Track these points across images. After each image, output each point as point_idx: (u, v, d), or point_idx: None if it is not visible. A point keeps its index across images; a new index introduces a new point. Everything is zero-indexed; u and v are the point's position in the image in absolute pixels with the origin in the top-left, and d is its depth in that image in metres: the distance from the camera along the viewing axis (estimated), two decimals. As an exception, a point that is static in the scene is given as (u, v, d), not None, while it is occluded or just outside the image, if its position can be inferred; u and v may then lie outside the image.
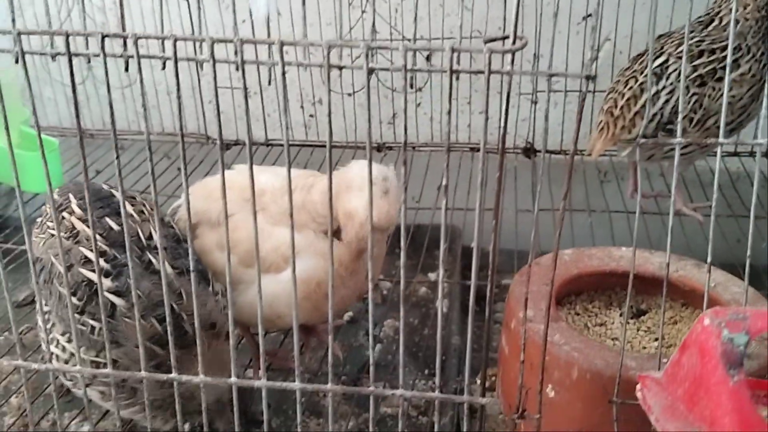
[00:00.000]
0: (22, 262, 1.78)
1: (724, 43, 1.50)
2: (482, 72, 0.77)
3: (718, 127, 1.52)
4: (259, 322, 0.86)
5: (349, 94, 2.03)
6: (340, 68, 0.81)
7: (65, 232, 1.12)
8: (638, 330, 1.18)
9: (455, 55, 0.74)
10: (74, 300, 1.05)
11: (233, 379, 0.93)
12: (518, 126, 1.99)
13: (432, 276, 1.90)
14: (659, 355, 0.89)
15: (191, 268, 0.85)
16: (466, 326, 1.68)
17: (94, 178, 2.10)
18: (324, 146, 2.07)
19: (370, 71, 0.78)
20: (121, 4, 0.91)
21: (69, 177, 2.04)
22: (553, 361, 1.00)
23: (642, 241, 1.18)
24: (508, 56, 0.75)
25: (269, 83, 0.81)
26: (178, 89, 0.81)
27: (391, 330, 1.68)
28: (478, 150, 2.01)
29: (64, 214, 1.16)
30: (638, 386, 0.82)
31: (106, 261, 1.07)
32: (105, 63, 0.80)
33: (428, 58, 1.94)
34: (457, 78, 0.78)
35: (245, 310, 1.21)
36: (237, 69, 0.79)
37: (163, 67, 0.83)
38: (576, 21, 1.88)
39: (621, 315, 1.20)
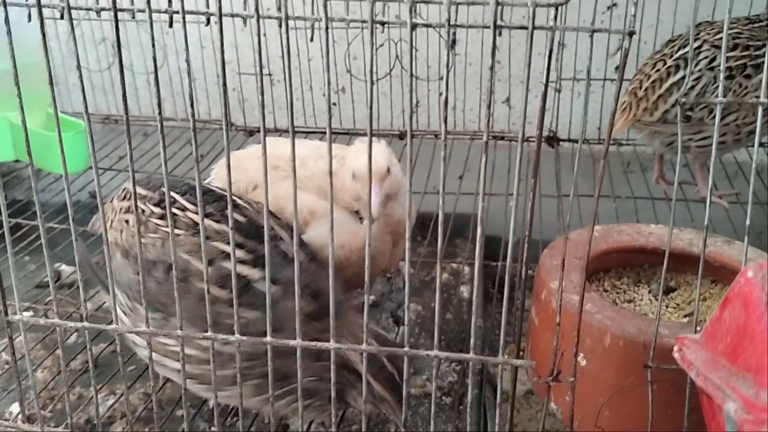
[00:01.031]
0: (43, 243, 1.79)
1: (760, 42, 1.50)
2: (525, 28, 0.77)
3: (738, 125, 1.52)
4: (296, 281, 0.87)
5: (372, 82, 2.03)
6: (383, 24, 0.81)
7: (185, 229, 1.07)
8: (667, 307, 1.18)
9: (499, 8, 0.75)
10: (224, 293, 1.02)
11: (268, 338, 0.93)
12: (541, 115, 1.99)
13: (454, 265, 1.90)
14: (695, 321, 0.89)
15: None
16: (488, 311, 1.69)
17: (116, 164, 2.12)
18: (347, 134, 2.07)
19: (413, 27, 0.78)
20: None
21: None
22: (586, 328, 1.01)
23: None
24: (553, 10, 0.75)
25: (311, 40, 0.81)
26: (222, 46, 0.82)
27: (413, 314, 1.68)
28: (501, 138, 2.03)
29: (175, 210, 1.09)
30: (675, 347, 0.82)
31: (248, 252, 1.05)
32: (150, 18, 0.81)
33: (453, 43, 1.94)
34: (500, 34, 0.78)
35: None
36: (280, 25, 0.80)
37: (207, 23, 0.84)
38: (601, 10, 1.88)
39: (650, 292, 1.19)
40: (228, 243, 1.00)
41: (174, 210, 1.08)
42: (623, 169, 1.95)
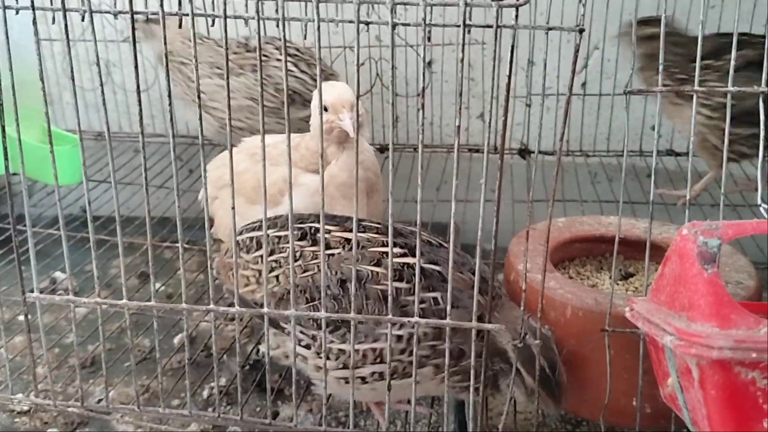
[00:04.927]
0: (37, 252, 1.88)
1: None
2: (491, 26, 0.89)
3: None
4: (290, 249, 0.97)
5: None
6: (368, 23, 0.93)
7: (340, 246, 1.17)
8: (627, 291, 1.29)
9: (467, 9, 0.87)
10: (402, 284, 1.11)
11: (265, 309, 1.03)
12: (513, 129, 2.12)
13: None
14: (645, 288, 1.00)
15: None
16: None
17: (108, 178, 2.21)
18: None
19: (393, 26, 0.90)
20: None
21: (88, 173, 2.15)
22: (549, 303, 1.11)
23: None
24: (515, 11, 0.87)
25: (305, 38, 0.92)
26: (226, 47, 0.93)
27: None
28: (476, 151, 2.16)
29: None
30: (627, 308, 0.93)
31: (400, 247, 1.15)
32: (163, 21, 0.92)
33: (429, 63, 2.06)
34: (469, 32, 0.90)
35: None
36: (277, 25, 0.91)
37: (212, 24, 0.95)
38: (566, 34, 2.01)
39: (611, 277, 1.31)
40: (381, 245, 1.14)
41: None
42: (591, 179, 2.07)
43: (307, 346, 1.17)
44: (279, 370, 1.56)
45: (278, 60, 1.87)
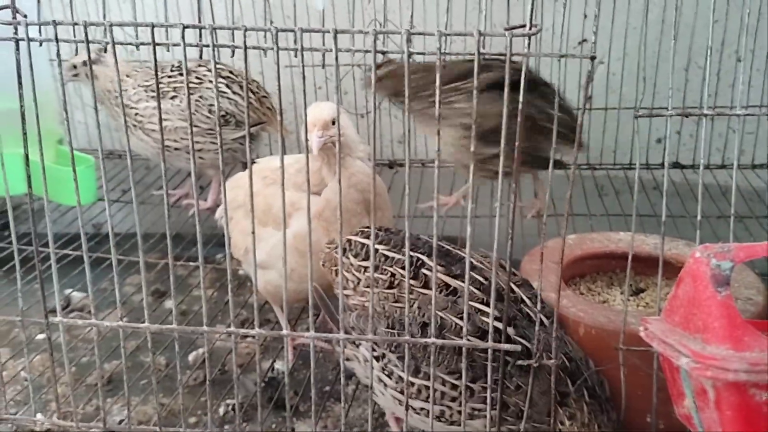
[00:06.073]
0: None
1: None
2: (504, 55, 0.91)
3: None
4: (309, 275, 0.99)
5: (362, 116, 2.18)
6: (384, 53, 0.95)
7: (439, 290, 1.15)
8: (638, 306, 1.31)
9: (482, 39, 0.89)
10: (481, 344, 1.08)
11: (285, 331, 1.06)
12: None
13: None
14: (658, 307, 1.02)
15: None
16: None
17: (122, 197, 2.25)
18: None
19: (410, 55, 0.92)
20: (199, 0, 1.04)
21: (101, 193, 2.17)
22: (562, 321, 1.13)
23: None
24: (527, 40, 0.90)
25: (323, 67, 0.95)
26: (246, 75, 0.95)
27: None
28: (484, 166, 2.17)
29: (425, 271, 1.18)
30: (642, 327, 0.95)
31: (499, 311, 1.10)
32: (185, 51, 0.94)
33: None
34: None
35: (266, 264, 1.46)
36: (296, 55, 0.94)
37: (232, 55, 0.97)
38: (572, 45, 2.04)
39: (622, 293, 1.33)
40: (481, 302, 1.12)
41: (424, 271, 1.17)
42: (598, 191, 2.09)
43: (376, 359, 1.18)
44: (294, 386, 1.58)
45: (210, 82, 1.93)
